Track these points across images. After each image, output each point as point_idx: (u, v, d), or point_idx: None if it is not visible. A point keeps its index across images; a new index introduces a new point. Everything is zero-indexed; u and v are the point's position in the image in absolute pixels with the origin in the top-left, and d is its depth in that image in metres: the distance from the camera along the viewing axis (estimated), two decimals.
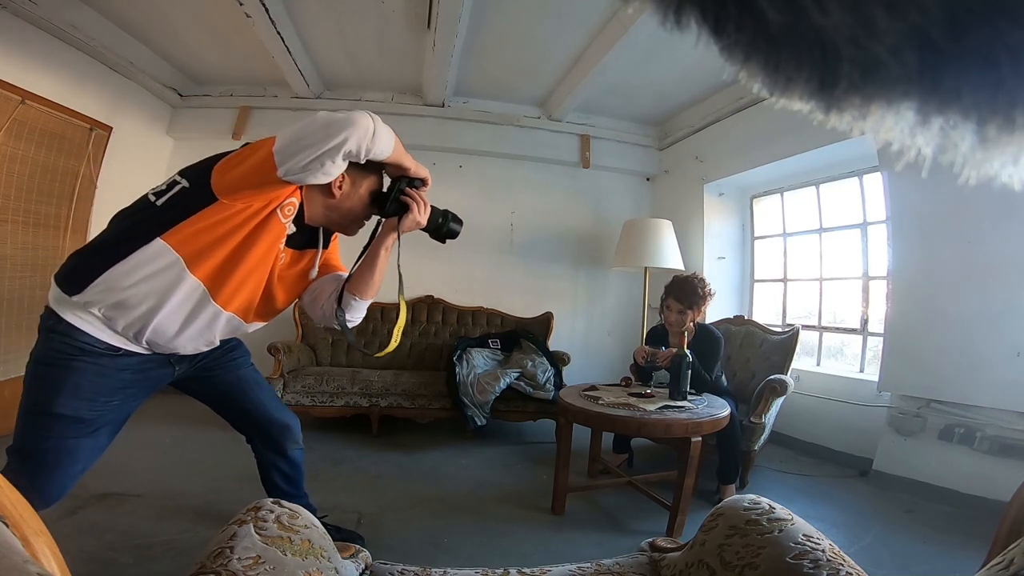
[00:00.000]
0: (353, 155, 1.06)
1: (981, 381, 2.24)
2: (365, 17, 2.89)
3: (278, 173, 1.04)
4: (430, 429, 3.15)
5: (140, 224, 1.10)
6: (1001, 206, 2.17)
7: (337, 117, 1.03)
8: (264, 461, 1.58)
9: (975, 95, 0.17)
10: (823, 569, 0.66)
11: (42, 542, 0.55)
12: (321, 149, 1.02)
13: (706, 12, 0.19)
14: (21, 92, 2.60)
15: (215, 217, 1.09)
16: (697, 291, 2.47)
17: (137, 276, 1.08)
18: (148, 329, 1.13)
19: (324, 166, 1.04)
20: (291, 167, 1.03)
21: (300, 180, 1.06)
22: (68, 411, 1.11)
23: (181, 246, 1.09)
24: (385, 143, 1.10)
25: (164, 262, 1.09)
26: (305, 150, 1.02)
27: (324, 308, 1.32)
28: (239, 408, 1.49)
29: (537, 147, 4.14)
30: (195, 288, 1.13)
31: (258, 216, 1.12)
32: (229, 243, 1.12)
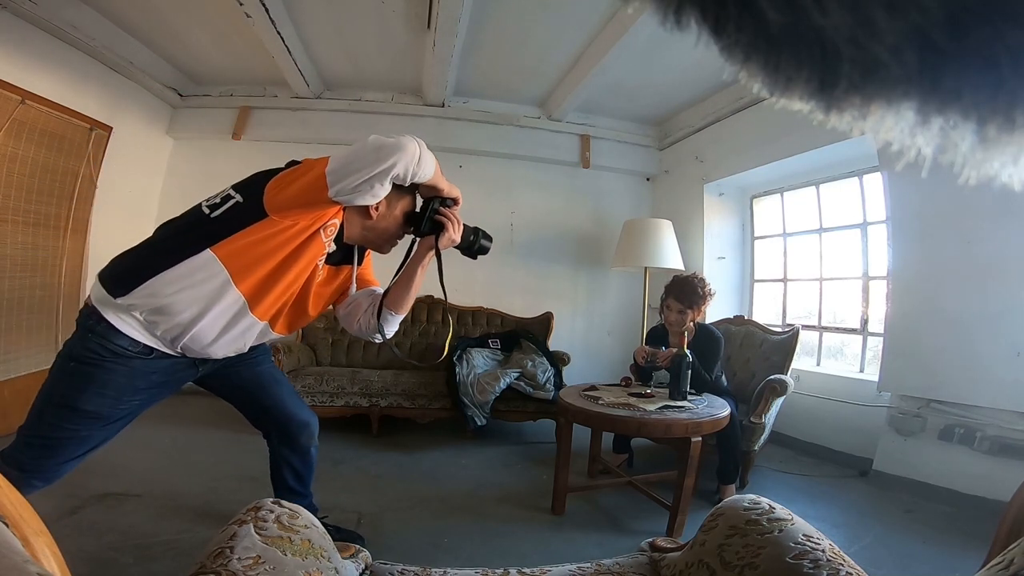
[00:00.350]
0: (400, 179, 1.12)
1: (981, 381, 2.24)
2: (365, 17, 2.89)
3: (329, 193, 1.09)
4: (430, 429, 3.15)
5: (192, 234, 1.16)
6: (1001, 206, 2.17)
7: (388, 142, 1.09)
8: (278, 457, 1.60)
9: (975, 95, 0.17)
10: (823, 569, 0.66)
11: (42, 542, 0.55)
12: (372, 172, 1.07)
13: (706, 12, 0.19)
14: (21, 92, 2.60)
15: (263, 232, 1.14)
16: (697, 291, 2.47)
17: (183, 284, 1.13)
18: (187, 336, 1.18)
19: (373, 188, 1.10)
20: (342, 188, 1.09)
21: (349, 201, 1.13)
22: (91, 407, 1.15)
23: (229, 259, 1.14)
24: (428, 167, 1.17)
25: (210, 272, 1.13)
26: (356, 172, 1.08)
27: (362, 322, 1.36)
28: (258, 404, 1.52)
29: (537, 147, 4.14)
30: (237, 300, 1.18)
31: (303, 234, 1.17)
32: (273, 259, 1.17)
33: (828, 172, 3.27)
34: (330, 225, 1.21)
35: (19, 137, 2.64)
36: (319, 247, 1.22)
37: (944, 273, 2.41)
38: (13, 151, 2.62)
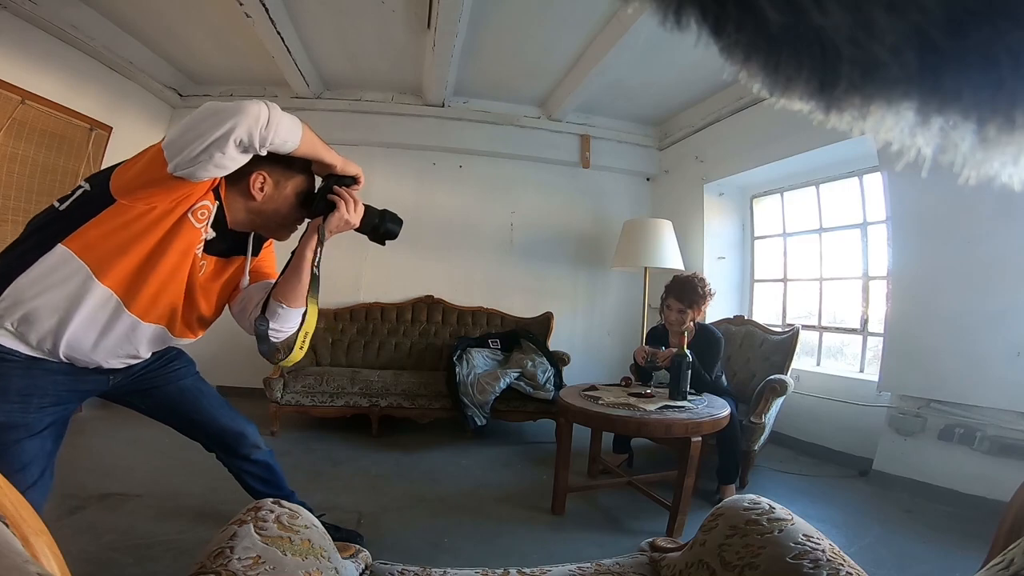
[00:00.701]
0: (246, 144, 0.99)
1: (981, 381, 2.24)
2: (365, 17, 2.89)
3: (168, 168, 0.98)
4: (430, 429, 3.15)
5: (42, 230, 1.05)
6: (1001, 206, 2.17)
7: (225, 105, 0.98)
8: (232, 469, 1.55)
9: (975, 95, 0.17)
10: (823, 569, 0.66)
11: (42, 542, 0.55)
12: (208, 139, 0.96)
13: (706, 12, 0.19)
14: (21, 92, 2.61)
15: (117, 220, 1.03)
16: (697, 290, 2.47)
17: (41, 286, 1.02)
18: (62, 342, 1.06)
19: (213, 158, 0.97)
20: (180, 161, 0.98)
21: (192, 175, 1.00)
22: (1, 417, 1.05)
23: (85, 252, 1.03)
24: (287, 132, 1.03)
25: (68, 270, 1.02)
26: (193, 142, 0.96)
27: (251, 318, 1.22)
28: (187, 419, 1.44)
29: (537, 147, 4.15)
30: (107, 298, 1.07)
31: (166, 220, 1.06)
32: (138, 249, 1.06)
33: (828, 172, 3.27)
34: (200, 208, 1.09)
35: (19, 137, 2.64)
36: (192, 233, 1.10)
37: (944, 273, 2.41)
38: (13, 151, 2.62)
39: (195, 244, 1.12)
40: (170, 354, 1.39)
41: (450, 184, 4.13)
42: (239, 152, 1.00)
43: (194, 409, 1.43)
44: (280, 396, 2.95)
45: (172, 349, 1.37)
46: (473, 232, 4.12)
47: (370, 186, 4.12)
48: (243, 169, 1.06)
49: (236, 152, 0.99)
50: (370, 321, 3.74)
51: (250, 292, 1.26)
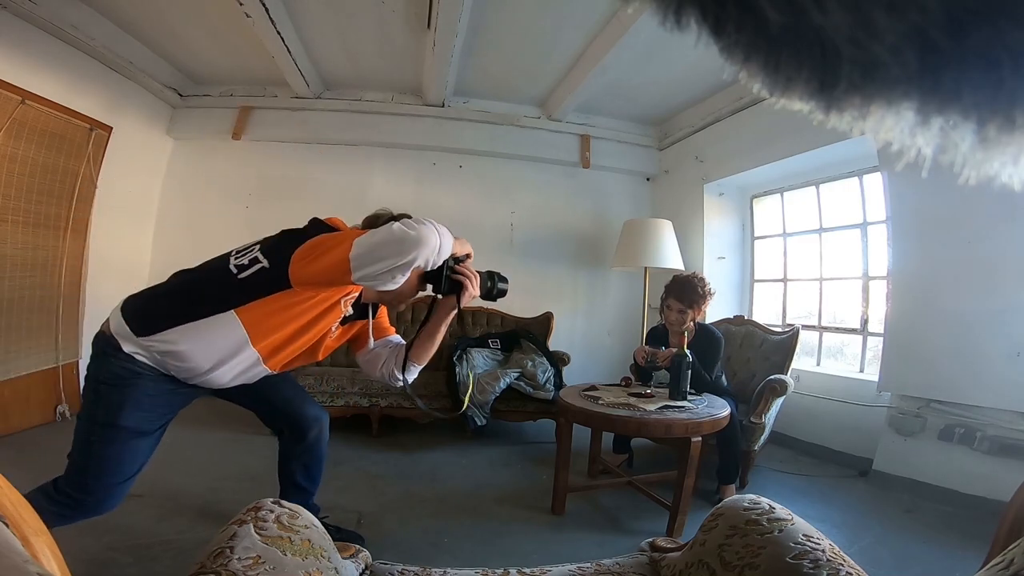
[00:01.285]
0: (420, 267, 1.18)
1: (981, 381, 2.24)
2: (365, 17, 2.89)
3: (352, 278, 1.15)
4: (430, 429, 3.15)
5: (219, 292, 1.21)
6: (1001, 206, 2.17)
7: (411, 236, 1.13)
8: (287, 452, 1.63)
9: (975, 95, 0.17)
10: (823, 569, 0.66)
11: (42, 542, 0.55)
12: (394, 264, 1.13)
13: (706, 12, 0.19)
14: (21, 92, 2.61)
15: (286, 301, 1.20)
16: (697, 290, 2.47)
17: (202, 338, 1.19)
18: (198, 379, 1.25)
19: (395, 278, 1.16)
20: (364, 275, 1.14)
21: (372, 286, 1.19)
22: (131, 423, 1.22)
23: (251, 324, 1.20)
24: (446, 252, 1.22)
25: (231, 331, 1.20)
26: (379, 262, 1.13)
27: (384, 371, 1.43)
28: (268, 403, 1.56)
29: (537, 147, 4.14)
30: (252, 356, 1.25)
31: (324, 304, 1.25)
32: (293, 324, 1.24)
33: (828, 172, 3.27)
34: (352, 296, 1.31)
35: (19, 137, 2.64)
36: (337, 313, 1.30)
37: (944, 273, 2.40)
38: (13, 151, 2.62)
39: (337, 320, 1.33)
40: None
41: (450, 184, 4.13)
42: (411, 272, 1.18)
43: (275, 392, 1.55)
44: None
45: None
46: (473, 232, 4.08)
47: (370, 186, 4.11)
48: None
49: (410, 274, 1.18)
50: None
51: (377, 349, 1.46)
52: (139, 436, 1.25)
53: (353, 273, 1.14)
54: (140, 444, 1.26)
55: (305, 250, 1.20)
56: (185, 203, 3.85)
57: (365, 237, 1.15)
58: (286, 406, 1.58)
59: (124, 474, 1.26)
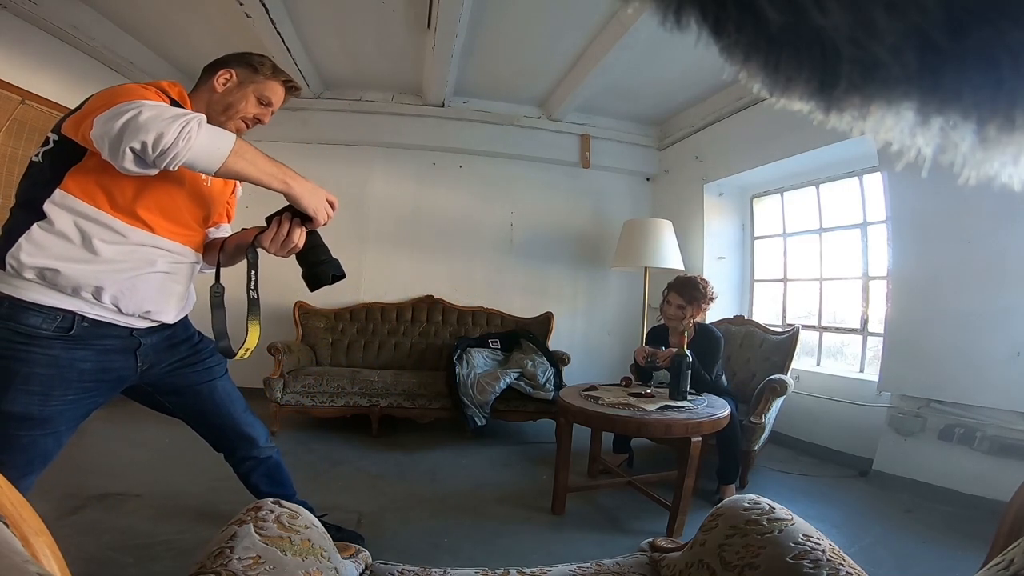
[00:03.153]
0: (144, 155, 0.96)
1: (981, 381, 2.24)
2: (365, 17, 2.89)
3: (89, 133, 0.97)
4: (430, 429, 3.15)
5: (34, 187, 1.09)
6: (1001, 206, 2.17)
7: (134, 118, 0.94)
8: (239, 470, 1.55)
9: (975, 95, 0.17)
10: (823, 569, 0.66)
11: (42, 542, 0.55)
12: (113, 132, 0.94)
13: (706, 12, 0.19)
14: (21, 92, 2.61)
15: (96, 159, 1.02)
16: (699, 288, 2.47)
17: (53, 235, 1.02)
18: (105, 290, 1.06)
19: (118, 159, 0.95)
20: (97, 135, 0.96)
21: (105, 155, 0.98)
22: (18, 408, 1.00)
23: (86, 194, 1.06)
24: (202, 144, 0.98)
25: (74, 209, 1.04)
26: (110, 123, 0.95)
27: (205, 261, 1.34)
28: (209, 422, 1.44)
29: (537, 147, 4.15)
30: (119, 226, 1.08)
31: None
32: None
33: (828, 172, 3.27)
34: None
35: (19, 137, 2.64)
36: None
37: (944, 273, 2.41)
38: (13, 151, 2.62)
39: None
40: (206, 349, 1.39)
41: (450, 184, 4.13)
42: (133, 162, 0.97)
43: (223, 413, 1.43)
44: (280, 396, 2.95)
45: (209, 342, 1.38)
46: (473, 232, 4.12)
47: (370, 186, 4.12)
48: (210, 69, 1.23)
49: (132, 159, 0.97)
50: (370, 321, 3.74)
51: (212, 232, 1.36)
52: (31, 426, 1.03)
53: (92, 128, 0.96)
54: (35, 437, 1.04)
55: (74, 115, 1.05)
56: None
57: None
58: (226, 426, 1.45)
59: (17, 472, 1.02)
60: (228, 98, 1.25)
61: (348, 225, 3.99)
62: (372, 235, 4.01)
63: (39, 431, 1.05)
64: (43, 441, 1.06)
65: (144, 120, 0.93)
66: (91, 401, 1.13)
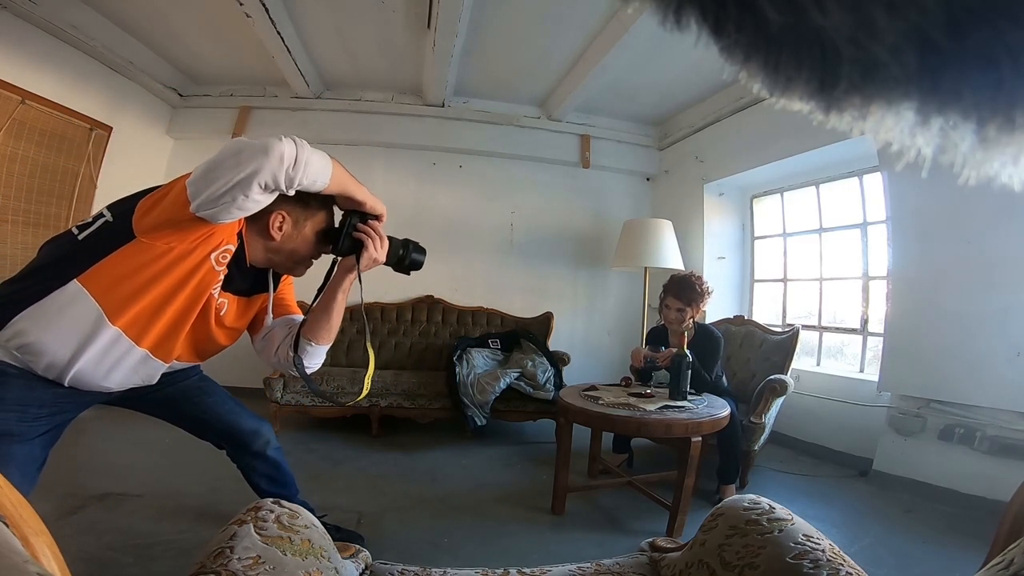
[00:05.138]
0: (271, 187, 0.94)
1: (981, 381, 2.24)
2: (365, 17, 2.89)
3: (191, 208, 0.94)
4: (430, 429, 3.15)
5: (59, 259, 1.02)
6: (1001, 206, 2.17)
7: (249, 144, 0.92)
8: (241, 466, 1.54)
9: (975, 95, 0.17)
10: (823, 569, 0.66)
11: (42, 542, 0.55)
12: (232, 181, 0.91)
13: (706, 12, 0.19)
14: (21, 92, 2.61)
15: (135, 260, 1.00)
16: (695, 288, 2.47)
17: (52, 320, 0.99)
18: (68, 375, 1.03)
19: (236, 200, 0.92)
20: (203, 201, 0.93)
21: (214, 217, 0.96)
22: None
23: (101, 293, 1.00)
24: (316, 172, 0.98)
25: (81, 307, 0.99)
26: (216, 182, 0.91)
27: (279, 354, 1.20)
28: (192, 418, 1.40)
29: (537, 147, 4.15)
30: (117, 337, 1.03)
31: (186, 262, 1.02)
32: (154, 289, 1.02)
33: (828, 172, 3.27)
34: (222, 251, 1.06)
35: (19, 137, 2.64)
36: (211, 275, 1.07)
37: (944, 273, 2.41)
38: (13, 151, 2.62)
39: (212, 285, 1.09)
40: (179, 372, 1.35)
41: (450, 184, 4.13)
42: (263, 194, 0.95)
43: (199, 408, 1.40)
44: (280, 396, 2.95)
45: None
46: (473, 232, 4.12)
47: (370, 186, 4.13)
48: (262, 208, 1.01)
49: (260, 194, 0.94)
50: (370, 321, 3.74)
51: (274, 328, 1.24)
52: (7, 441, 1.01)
53: (192, 201, 0.93)
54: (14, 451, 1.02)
55: (153, 193, 1.02)
56: None
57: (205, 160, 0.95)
58: (214, 419, 1.41)
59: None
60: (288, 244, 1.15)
61: None
62: None
63: (16, 443, 1.04)
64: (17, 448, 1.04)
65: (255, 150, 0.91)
66: (63, 416, 1.12)
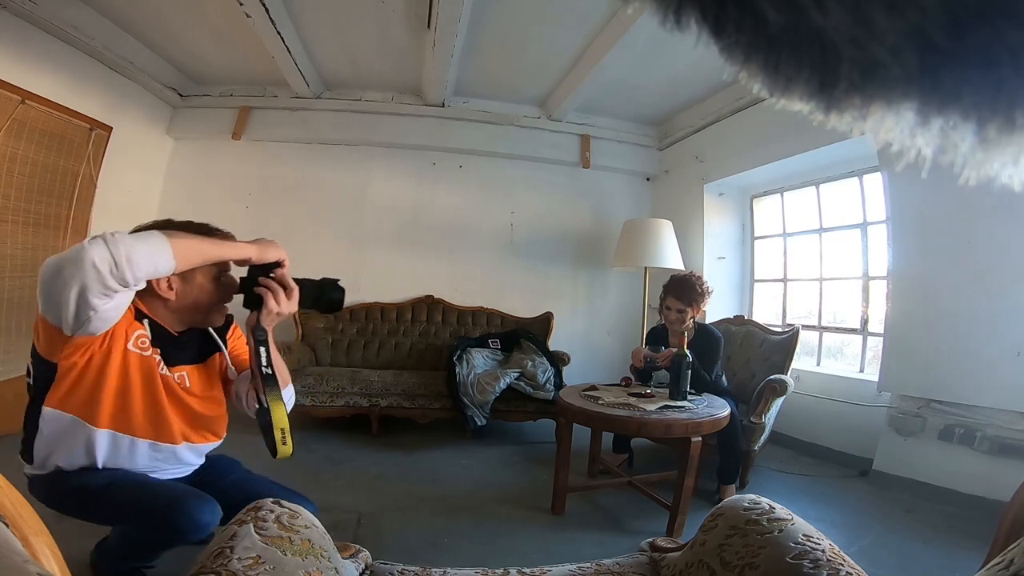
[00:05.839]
0: (110, 292, 0.89)
1: (981, 381, 2.24)
2: (365, 17, 2.89)
3: (68, 333, 0.96)
4: (430, 429, 3.15)
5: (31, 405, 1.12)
6: (1001, 206, 2.17)
7: (63, 260, 0.87)
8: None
9: (975, 95, 0.17)
10: (823, 569, 0.66)
11: (42, 542, 0.55)
12: (72, 302, 0.89)
13: (706, 12, 0.19)
14: (21, 92, 2.60)
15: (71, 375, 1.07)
16: (695, 288, 2.47)
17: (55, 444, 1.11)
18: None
19: (92, 319, 0.92)
20: (71, 328, 0.94)
21: (92, 332, 0.98)
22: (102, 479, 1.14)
23: (65, 405, 1.08)
24: (150, 262, 0.92)
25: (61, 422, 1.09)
26: (62, 308, 0.90)
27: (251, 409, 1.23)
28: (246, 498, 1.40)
29: (537, 147, 4.14)
30: (111, 437, 1.12)
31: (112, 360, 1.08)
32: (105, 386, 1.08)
33: (828, 172, 3.27)
34: (136, 339, 1.11)
35: (19, 137, 2.64)
36: (144, 361, 1.12)
37: (944, 273, 2.41)
38: (13, 151, 2.62)
39: (154, 368, 1.14)
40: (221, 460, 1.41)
41: (450, 184, 4.13)
42: (110, 300, 0.91)
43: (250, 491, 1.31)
44: None
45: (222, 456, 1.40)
46: (473, 232, 4.12)
47: (370, 186, 4.13)
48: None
49: (107, 303, 0.91)
50: (370, 321, 3.74)
51: (239, 385, 1.27)
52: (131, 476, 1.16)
53: (62, 327, 0.95)
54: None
55: (34, 327, 1.07)
56: (185, 203, 3.84)
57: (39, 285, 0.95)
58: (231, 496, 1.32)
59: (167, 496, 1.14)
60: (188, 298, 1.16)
61: (348, 225, 4.00)
62: (372, 235, 4.01)
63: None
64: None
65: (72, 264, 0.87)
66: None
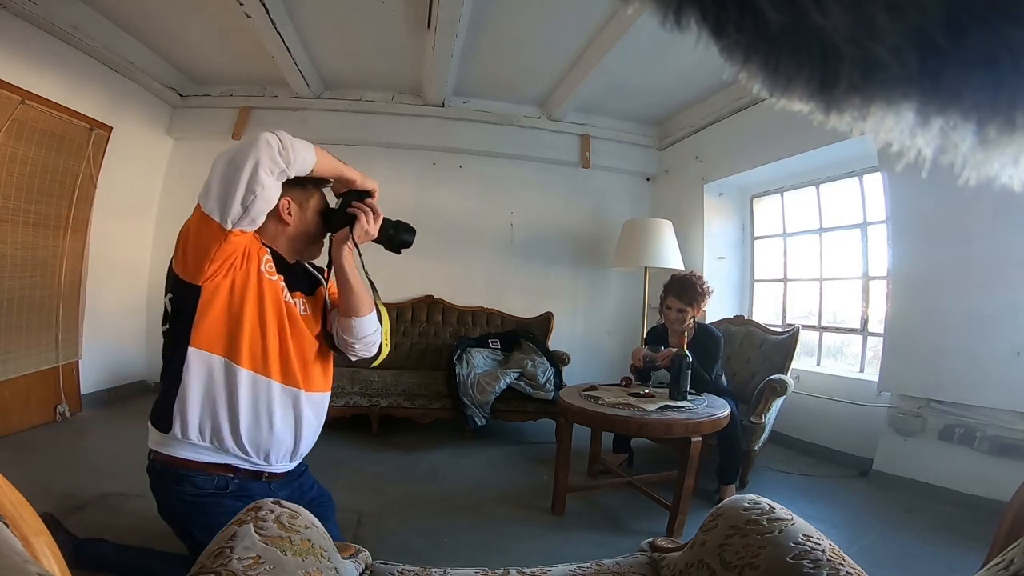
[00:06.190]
0: (276, 171, 1.03)
1: (981, 381, 2.24)
2: (365, 17, 2.89)
3: (227, 227, 1.02)
4: (430, 429, 3.15)
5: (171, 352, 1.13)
6: (1001, 206, 2.17)
7: (235, 148, 1.03)
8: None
9: (975, 96, 0.17)
10: (823, 569, 0.66)
11: (42, 542, 0.55)
12: (243, 182, 0.99)
13: (706, 12, 0.19)
14: (21, 92, 2.60)
15: (214, 302, 1.10)
16: (696, 288, 2.47)
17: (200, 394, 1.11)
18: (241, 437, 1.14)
19: (257, 196, 1.01)
20: (234, 215, 1.01)
21: (254, 222, 1.05)
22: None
23: (213, 345, 1.11)
24: (303, 154, 1.09)
25: (209, 366, 1.11)
26: (233, 191, 1.00)
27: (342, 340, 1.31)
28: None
29: (537, 147, 4.14)
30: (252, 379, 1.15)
31: (250, 287, 1.13)
32: (246, 320, 1.12)
33: (828, 172, 3.27)
34: (265, 261, 1.17)
35: (19, 137, 2.64)
36: (272, 287, 1.17)
37: (944, 273, 2.40)
38: (13, 151, 2.62)
39: (280, 294, 1.20)
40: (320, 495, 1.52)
41: (450, 184, 4.13)
42: (273, 181, 1.04)
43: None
44: None
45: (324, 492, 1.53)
46: (473, 232, 4.12)
47: None
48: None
49: (272, 181, 1.03)
50: None
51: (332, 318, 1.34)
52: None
53: (222, 221, 1.01)
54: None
55: (178, 245, 1.11)
56: (185, 203, 3.79)
57: (202, 188, 1.04)
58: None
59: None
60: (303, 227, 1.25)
61: None
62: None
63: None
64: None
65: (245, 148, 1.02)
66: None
